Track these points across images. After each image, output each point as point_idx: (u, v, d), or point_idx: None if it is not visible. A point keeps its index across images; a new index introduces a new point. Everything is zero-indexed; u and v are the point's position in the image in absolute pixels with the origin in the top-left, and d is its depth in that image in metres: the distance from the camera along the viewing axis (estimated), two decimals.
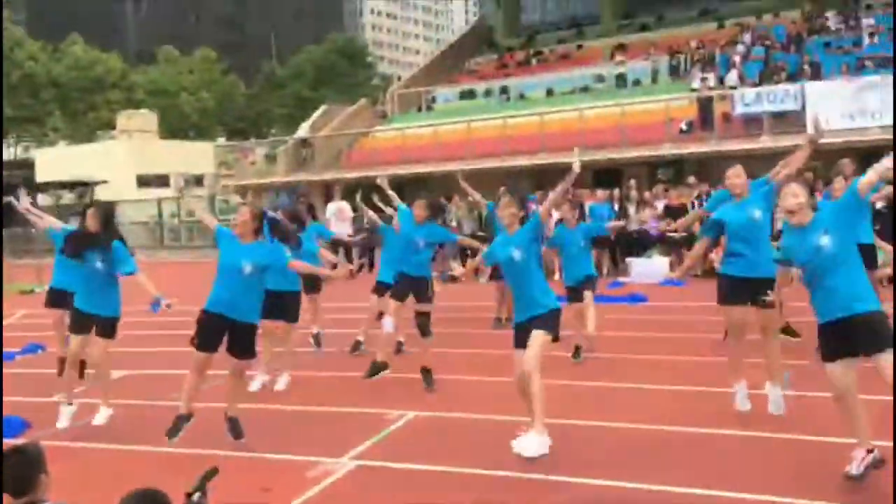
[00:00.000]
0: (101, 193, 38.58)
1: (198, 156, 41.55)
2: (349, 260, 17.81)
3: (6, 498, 3.12)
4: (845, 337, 4.59)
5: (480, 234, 15.85)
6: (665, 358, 8.55)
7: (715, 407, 6.58)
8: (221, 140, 55.01)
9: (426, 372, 7.65)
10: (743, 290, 6.00)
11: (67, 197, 42.26)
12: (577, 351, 8.38)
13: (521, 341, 5.57)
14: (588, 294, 8.49)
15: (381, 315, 8.75)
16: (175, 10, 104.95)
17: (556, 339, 5.60)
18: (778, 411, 6.04)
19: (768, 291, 5.75)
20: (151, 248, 30.94)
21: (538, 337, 5.41)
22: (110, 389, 6.99)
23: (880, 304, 4.73)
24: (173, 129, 58.05)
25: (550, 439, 5.32)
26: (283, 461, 5.82)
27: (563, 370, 7.74)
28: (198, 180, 43.10)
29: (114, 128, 50.75)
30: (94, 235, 6.63)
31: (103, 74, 58.75)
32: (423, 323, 7.68)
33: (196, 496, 2.92)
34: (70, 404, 7.03)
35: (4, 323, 13.83)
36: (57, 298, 8.54)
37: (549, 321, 5.50)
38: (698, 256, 7.18)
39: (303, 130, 30.16)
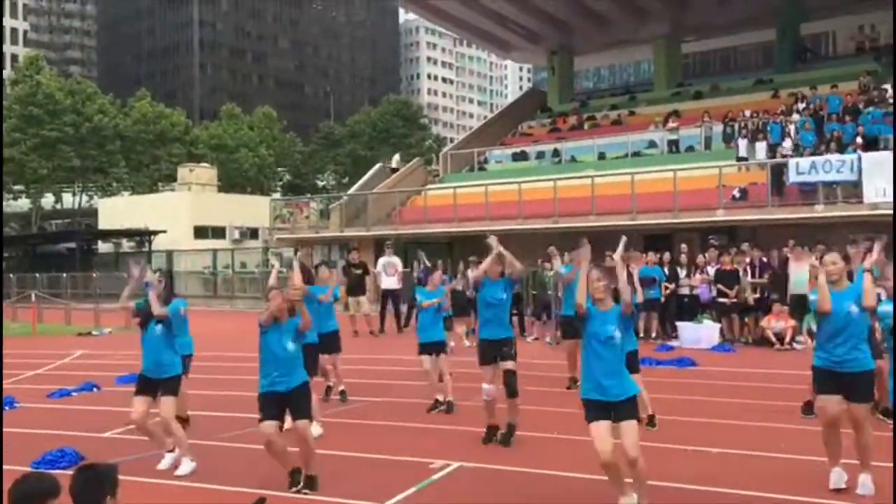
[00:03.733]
0: (159, 243, 39.74)
1: (254, 209, 42.58)
2: (396, 311, 18.02)
3: None
4: None
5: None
6: (713, 421, 8.46)
7: (764, 469, 6.49)
8: (277, 195, 56.35)
9: (510, 429, 7.54)
10: (834, 384, 5.85)
11: (127, 245, 43.59)
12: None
13: (597, 415, 5.37)
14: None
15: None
16: (238, 70, 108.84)
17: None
18: (865, 492, 5.76)
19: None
20: (206, 297, 31.57)
21: (634, 427, 5.33)
22: (186, 443, 7.01)
23: None
24: (232, 183, 59.70)
25: None
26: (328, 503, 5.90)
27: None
28: (253, 233, 44.12)
29: (174, 180, 52.39)
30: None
31: (167, 129, 60.99)
32: (510, 381, 7.48)
33: None
34: (171, 451, 7.09)
35: (63, 362, 14.29)
36: None
37: (636, 409, 5.48)
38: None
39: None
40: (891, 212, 18.00)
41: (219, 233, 44.21)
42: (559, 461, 6.81)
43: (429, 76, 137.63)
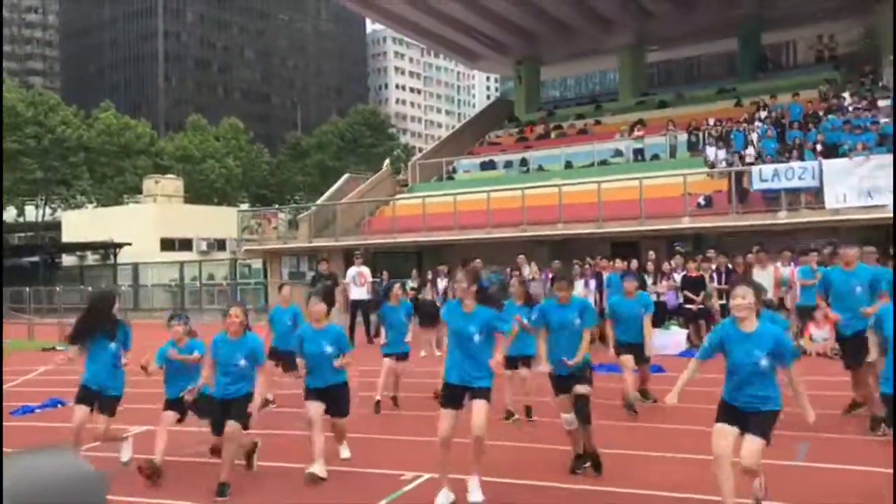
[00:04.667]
0: (124, 256, 39.23)
1: (221, 221, 42.24)
2: (366, 322, 17.96)
3: None
4: None
5: None
6: (680, 427, 8.52)
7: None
8: (245, 206, 55.98)
9: (593, 460, 6.82)
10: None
11: (91, 258, 42.98)
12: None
13: (450, 402, 6.18)
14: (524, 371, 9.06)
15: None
16: (204, 81, 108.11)
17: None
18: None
19: None
20: (172, 310, 31.18)
21: (483, 407, 6.13)
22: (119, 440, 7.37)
23: None
24: (198, 194, 59.18)
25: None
26: None
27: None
28: (220, 244, 43.74)
29: (140, 192, 51.81)
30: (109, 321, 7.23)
31: (132, 140, 60.30)
32: (582, 406, 6.78)
33: None
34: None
35: (27, 378, 14.04)
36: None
37: (489, 394, 6.23)
38: None
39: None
40: (851, 217, 18.41)
41: (186, 245, 43.78)
42: (528, 469, 6.83)
43: (397, 86, 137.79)
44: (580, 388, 6.81)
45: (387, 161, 34.98)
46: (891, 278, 8.13)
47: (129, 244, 39.32)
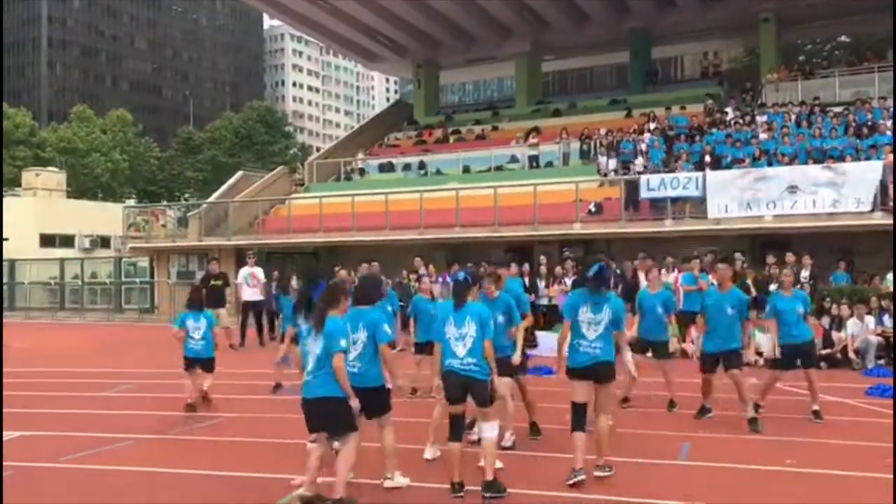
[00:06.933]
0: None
1: (106, 217, 40.49)
2: (258, 323, 17.56)
3: None
4: None
5: None
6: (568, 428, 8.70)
7: (624, 475, 6.76)
8: (132, 202, 53.85)
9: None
10: None
11: None
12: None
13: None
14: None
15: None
16: (91, 70, 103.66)
17: None
18: None
19: None
20: (52, 309, 29.75)
21: None
22: None
23: None
24: (82, 188, 56.65)
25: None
26: None
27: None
28: (104, 241, 41.93)
29: (19, 185, 49.09)
30: None
31: (10, 130, 57.15)
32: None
33: None
34: None
35: None
36: None
37: None
38: None
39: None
40: (732, 226, 19.32)
41: (67, 241, 41.78)
42: (431, 473, 6.84)
43: (294, 84, 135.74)
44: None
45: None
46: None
47: (6, 239, 37.17)
